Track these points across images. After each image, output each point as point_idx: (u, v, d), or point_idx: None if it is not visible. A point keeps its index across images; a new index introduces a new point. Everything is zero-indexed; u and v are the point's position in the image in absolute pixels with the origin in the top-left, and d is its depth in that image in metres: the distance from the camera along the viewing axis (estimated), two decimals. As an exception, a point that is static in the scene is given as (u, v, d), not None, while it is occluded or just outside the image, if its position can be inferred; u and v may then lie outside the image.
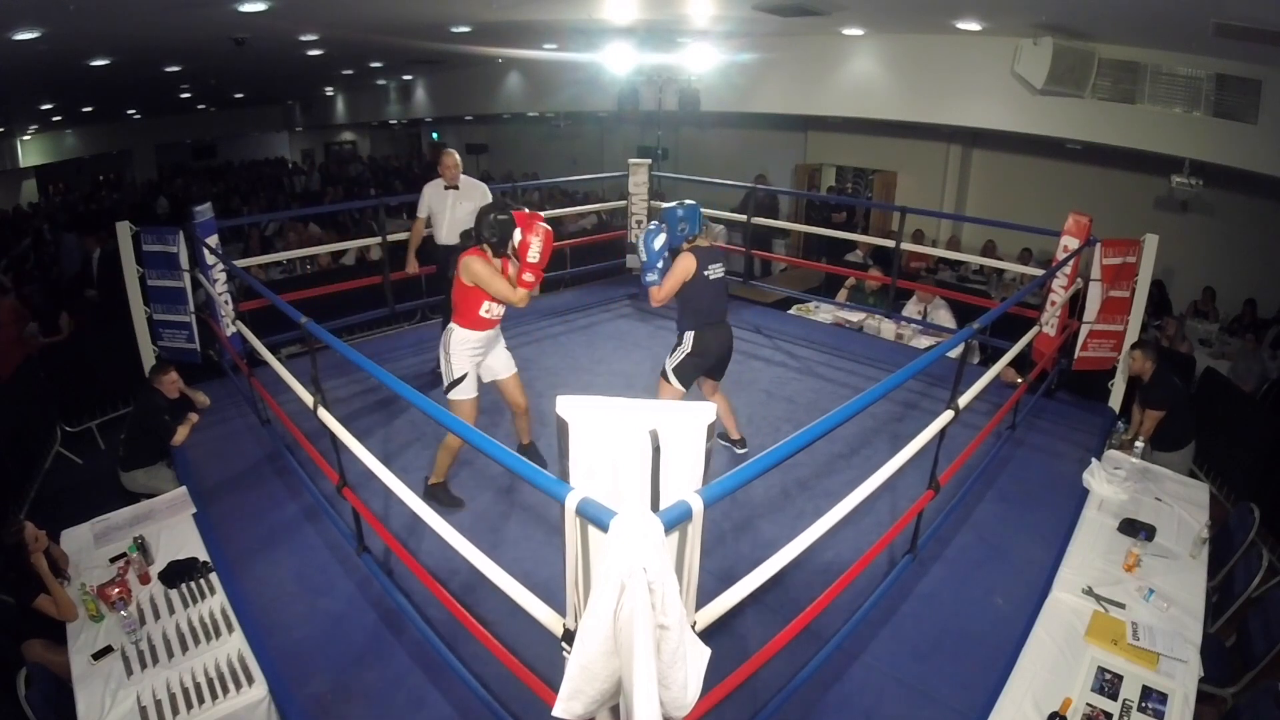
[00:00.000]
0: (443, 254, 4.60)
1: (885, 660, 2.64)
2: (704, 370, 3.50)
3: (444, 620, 2.56)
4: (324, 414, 2.74)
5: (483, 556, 1.95)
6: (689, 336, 3.38)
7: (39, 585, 2.70)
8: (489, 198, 4.47)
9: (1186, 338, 6.47)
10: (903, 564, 2.92)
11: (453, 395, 3.24)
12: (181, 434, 3.85)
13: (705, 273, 3.30)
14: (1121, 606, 2.76)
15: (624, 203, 6.73)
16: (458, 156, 4.59)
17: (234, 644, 2.59)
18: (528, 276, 3.05)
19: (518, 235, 3.03)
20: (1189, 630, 2.67)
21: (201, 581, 2.90)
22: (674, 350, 3.45)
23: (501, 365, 3.41)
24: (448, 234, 4.58)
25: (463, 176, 4.57)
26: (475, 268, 3.06)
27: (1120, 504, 3.42)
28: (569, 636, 1.69)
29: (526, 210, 3.20)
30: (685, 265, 3.25)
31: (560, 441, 1.54)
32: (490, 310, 3.18)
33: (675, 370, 3.41)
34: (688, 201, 3.39)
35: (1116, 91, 6.17)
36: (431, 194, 4.58)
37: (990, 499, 3.61)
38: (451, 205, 4.53)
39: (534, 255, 3.01)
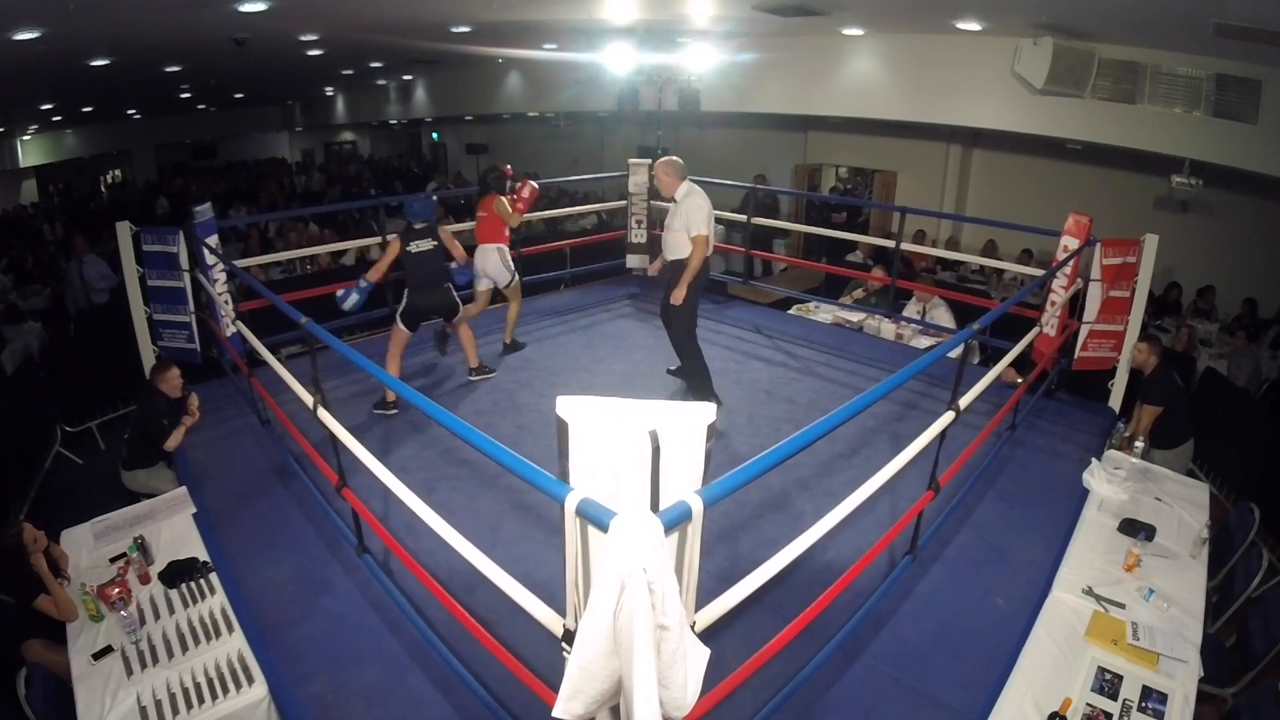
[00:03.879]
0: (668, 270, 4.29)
1: (885, 660, 2.63)
2: (423, 317, 4.47)
3: (444, 620, 2.55)
4: (324, 414, 2.75)
5: (483, 556, 1.95)
6: (405, 294, 4.39)
7: (39, 585, 2.70)
8: (694, 208, 4.04)
9: (1199, 345, 6.45)
10: (903, 564, 2.92)
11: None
12: (174, 440, 3.85)
13: (408, 249, 4.27)
14: (1121, 606, 2.76)
15: (624, 203, 6.72)
16: (664, 168, 4.16)
17: (234, 644, 2.59)
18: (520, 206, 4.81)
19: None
20: (1189, 630, 2.67)
21: (201, 581, 2.90)
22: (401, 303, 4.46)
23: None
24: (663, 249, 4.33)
25: (683, 185, 4.12)
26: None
27: (1120, 504, 3.43)
28: (569, 636, 1.69)
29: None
30: (392, 247, 4.31)
31: (560, 441, 1.54)
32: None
33: (400, 315, 4.38)
34: (421, 196, 4.55)
35: (1116, 91, 6.16)
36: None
37: (990, 499, 3.60)
38: (668, 221, 4.25)
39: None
